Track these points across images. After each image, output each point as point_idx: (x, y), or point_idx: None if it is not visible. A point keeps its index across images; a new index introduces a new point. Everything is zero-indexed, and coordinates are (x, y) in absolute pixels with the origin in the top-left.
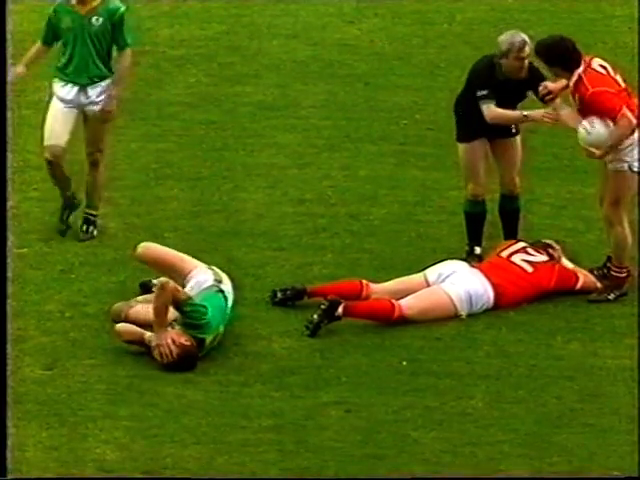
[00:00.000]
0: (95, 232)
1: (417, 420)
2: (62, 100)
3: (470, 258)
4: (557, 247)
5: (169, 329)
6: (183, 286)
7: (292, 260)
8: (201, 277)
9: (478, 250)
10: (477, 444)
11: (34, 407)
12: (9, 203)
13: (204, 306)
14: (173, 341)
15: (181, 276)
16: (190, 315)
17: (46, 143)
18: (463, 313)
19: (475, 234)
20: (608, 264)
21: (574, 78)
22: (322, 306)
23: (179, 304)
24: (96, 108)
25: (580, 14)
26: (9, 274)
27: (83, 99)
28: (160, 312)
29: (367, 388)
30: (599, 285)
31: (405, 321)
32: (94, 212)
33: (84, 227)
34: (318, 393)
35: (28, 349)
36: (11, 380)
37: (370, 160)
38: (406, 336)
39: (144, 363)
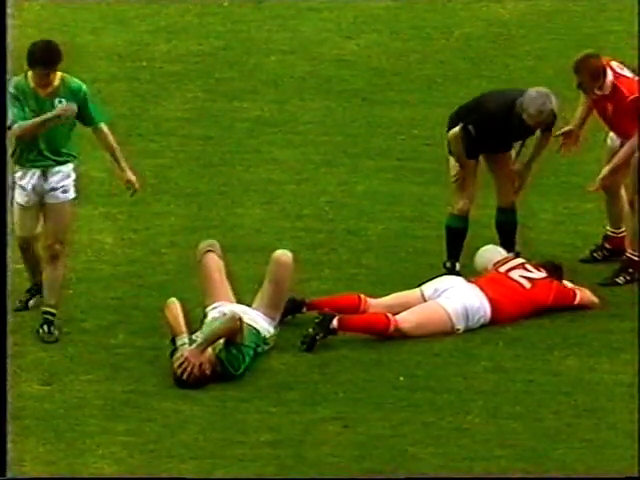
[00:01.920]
0: (57, 333)
1: (414, 435)
2: (23, 190)
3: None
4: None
5: (207, 351)
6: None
7: None
8: (265, 322)
9: (458, 267)
10: (474, 459)
11: (32, 422)
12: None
13: (244, 358)
14: (200, 365)
15: (271, 304)
16: (230, 358)
17: (17, 233)
18: (460, 327)
19: (457, 250)
20: (606, 244)
21: (608, 89)
22: (316, 320)
23: (231, 342)
24: (57, 195)
25: (578, 30)
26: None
27: (45, 186)
28: (214, 337)
29: (365, 403)
30: (596, 301)
31: (401, 335)
32: (53, 310)
33: (45, 328)
34: (316, 408)
35: (26, 364)
36: (9, 396)
37: (367, 176)
38: (403, 352)
39: (141, 378)
